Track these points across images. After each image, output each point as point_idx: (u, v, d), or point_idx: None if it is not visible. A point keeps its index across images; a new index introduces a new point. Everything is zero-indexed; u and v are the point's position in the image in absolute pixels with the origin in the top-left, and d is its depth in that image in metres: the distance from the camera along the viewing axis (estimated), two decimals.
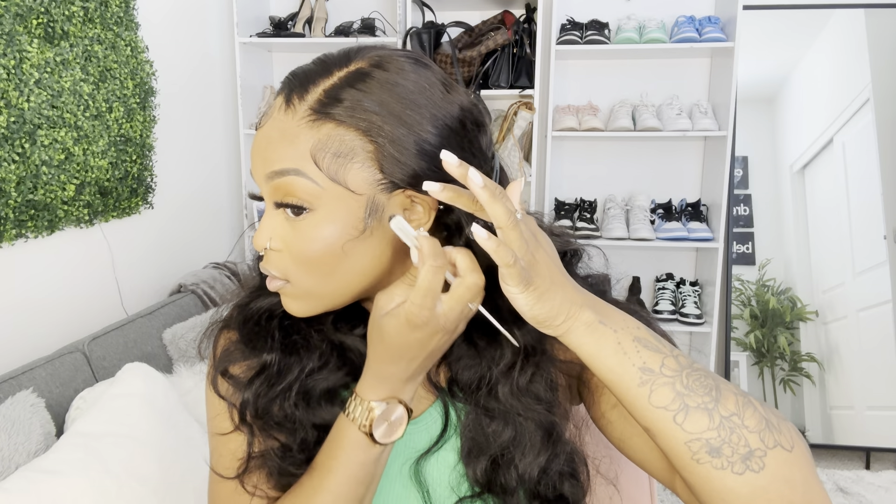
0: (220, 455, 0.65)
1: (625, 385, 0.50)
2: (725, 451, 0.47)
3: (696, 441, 0.48)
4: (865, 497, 2.21)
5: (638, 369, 0.49)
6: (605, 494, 0.76)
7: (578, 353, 0.51)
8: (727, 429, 0.48)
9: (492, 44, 2.29)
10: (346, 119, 0.52)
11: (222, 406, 0.64)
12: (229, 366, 0.64)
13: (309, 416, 0.61)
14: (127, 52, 1.83)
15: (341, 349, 0.63)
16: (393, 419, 0.57)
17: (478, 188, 0.46)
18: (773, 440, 0.48)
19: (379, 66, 0.54)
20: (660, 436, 0.49)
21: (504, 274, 0.48)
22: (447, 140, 0.55)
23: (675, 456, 0.49)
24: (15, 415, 1.15)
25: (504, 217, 0.47)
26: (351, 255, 0.55)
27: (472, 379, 0.60)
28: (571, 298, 0.50)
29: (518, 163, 2.39)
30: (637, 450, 0.61)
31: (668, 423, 0.48)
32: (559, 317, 0.50)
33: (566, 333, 0.50)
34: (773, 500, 0.47)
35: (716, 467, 0.47)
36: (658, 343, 0.51)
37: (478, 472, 0.61)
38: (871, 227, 2.44)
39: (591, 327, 0.50)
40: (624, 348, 0.50)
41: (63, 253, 1.65)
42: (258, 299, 0.65)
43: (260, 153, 0.55)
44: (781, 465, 0.47)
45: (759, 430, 0.48)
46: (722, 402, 0.49)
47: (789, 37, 2.51)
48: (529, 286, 0.48)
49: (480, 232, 0.46)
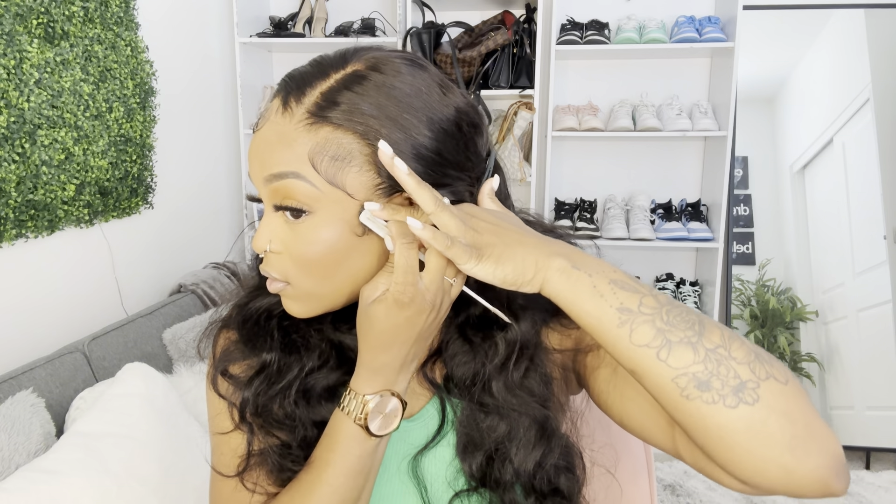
0: (221, 454, 0.66)
1: (604, 328, 0.50)
2: (714, 383, 0.46)
3: (682, 376, 0.47)
4: (865, 497, 2.21)
5: (616, 310, 0.49)
6: (602, 485, 0.76)
7: (558, 302, 0.52)
8: (714, 361, 0.47)
9: (492, 44, 2.29)
10: (343, 122, 0.53)
11: (222, 405, 0.65)
12: (229, 365, 0.64)
13: (309, 414, 0.62)
14: (127, 52, 1.83)
15: (340, 348, 0.64)
16: (387, 411, 0.58)
17: (403, 175, 0.50)
18: (765, 372, 0.47)
19: (375, 69, 0.55)
20: (646, 376, 0.49)
21: (451, 255, 0.51)
22: (442, 143, 0.55)
23: (665, 396, 0.48)
24: (15, 415, 1.16)
25: (431, 203, 0.51)
26: (350, 257, 0.55)
27: (466, 375, 0.61)
28: (538, 250, 0.52)
29: (518, 163, 2.39)
30: (634, 417, 0.60)
31: (652, 360, 0.48)
32: (527, 271, 0.51)
33: (543, 285, 0.51)
34: (773, 435, 0.45)
35: (706, 402, 0.46)
36: (635, 284, 0.51)
37: (473, 468, 0.61)
38: (871, 227, 2.44)
39: (564, 273, 0.51)
40: (600, 291, 0.50)
41: (63, 253, 1.65)
42: (257, 299, 0.65)
43: (258, 156, 0.55)
44: (777, 397, 0.46)
45: (748, 362, 0.47)
46: (706, 336, 0.48)
47: (789, 37, 2.51)
48: (482, 256, 0.51)
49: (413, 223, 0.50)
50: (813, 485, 0.46)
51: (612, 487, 0.79)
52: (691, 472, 2.35)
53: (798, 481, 0.46)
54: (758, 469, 0.46)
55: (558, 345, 0.66)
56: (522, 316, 0.60)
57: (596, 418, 0.83)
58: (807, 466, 0.45)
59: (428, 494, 0.63)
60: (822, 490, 0.46)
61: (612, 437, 0.86)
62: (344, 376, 0.63)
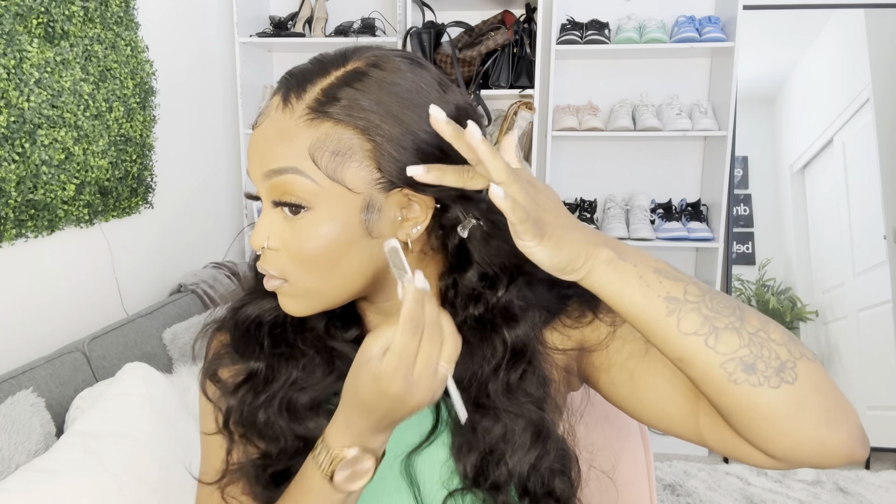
0: (205, 457, 0.66)
1: (652, 318, 0.50)
2: (759, 366, 0.48)
3: (730, 361, 0.48)
4: (865, 497, 2.21)
5: (664, 300, 0.49)
6: (599, 488, 0.76)
7: (602, 294, 0.51)
8: (757, 344, 0.49)
9: (492, 44, 2.29)
10: (344, 118, 0.53)
11: (209, 407, 0.65)
12: (218, 369, 0.64)
13: (292, 427, 0.61)
14: (127, 51, 1.83)
15: (330, 356, 0.63)
16: (357, 468, 0.55)
17: (477, 142, 0.46)
18: (799, 351, 0.49)
19: (376, 66, 0.55)
20: (694, 363, 0.49)
21: (518, 231, 0.47)
22: (443, 139, 0.55)
23: (712, 381, 0.49)
24: (15, 414, 1.15)
25: (504, 172, 0.47)
26: (349, 253, 0.55)
27: (462, 376, 0.60)
28: (587, 238, 0.50)
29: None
30: (654, 406, 0.59)
31: (701, 347, 0.49)
32: (579, 259, 0.50)
33: (588, 275, 0.50)
34: (810, 410, 0.48)
35: (753, 384, 0.48)
36: (676, 272, 0.51)
37: (467, 468, 0.61)
38: (871, 227, 2.44)
39: (611, 264, 0.50)
40: (647, 281, 0.50)
41: (63, 253, 1.65)
42: (248, 305, 0.64)
43: (257, 152, 0.55)
44: (811, 373, 0.48)
45: (785, 343, 0.49)
46: (747, 320, 0.50)
47: (789, 37, 2.51)
48: (544, 236, 0.48)
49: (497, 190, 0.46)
50: (842, 453, 0.48)
51: (608, 491, 0.79)
52: (691, 472, 2.35)
53: (830, 452, 0.48)
54: (795, 444, 0.48)
55: (560, 344, 0.65)
56: (522, 318, 0.60)
57: (595, 420, 0.83)
58: (838, 437, 0.48)
59: (421, 494, 0.63)
60: (850, 458, 0.49)
61: (612, 437, 0.86)
62: (333, 385, 0.62)
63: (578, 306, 0.65)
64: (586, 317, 0.64)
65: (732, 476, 2.35)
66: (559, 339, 0.66)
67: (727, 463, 2.45)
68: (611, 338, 0.62)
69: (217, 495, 0.63)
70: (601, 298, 0.51)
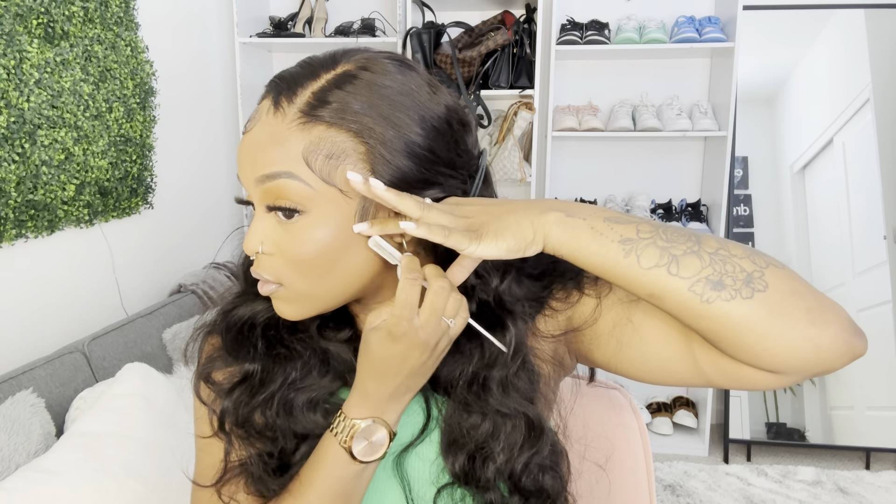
0: (201, 459, 0.66)
1: (613, 262, 0.51)
2: (727, 281, 0.49)
3: (697, 283, 0.49)
4: (865, 497, 2.21)
5: (618, 243, 0.51)
6: (592, 479, 0.77)
7: (563, 254, 0.53)
8: (720, 261, 0.50)
9: (492, 44, 2.29)
10: (336, 121, 0.53)
11: (204, 410, 0.65)
12: (212, 372, 0.65)
13: (290, 426, 0.62)
14: (127, 52, 1.83)
15: (325, 356, 0.63)
16: (373, 439, 0.58)
17: (381, 192, 0.51)
18: (764, 261, 0.50)
19: (365, 69, 0.55)
20: (665, 295, 0.51)
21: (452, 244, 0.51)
22: (434, 141, 0.55)
23: (686, 308, 0.50)
24: (15, 415, 1.16)
25: (415, 208, 0.52)
26: (344, 256, 0.55)
27: (451, 373, 0.61)
28: (530, 212, 0.52)
29: (518, 163, 2.39)
30: (651, 359, 0.60)
31: (665, 277, 0.50)
32: (527, 234, 0.52)
33: (545, 242, 0.52)
34: (792, 312, 0.48)
35: (725, 300, 0.49)
36: (627, 217, 0.53)
37: (456, 466, 0.61)
38: (871, 227, 2.44)
39: (560, 224, 0.52)
40: (599, 230, 0.52)
41: (63, 253, 1.65)
42: (241, 306, 0.65)
43: (249, 157, 0.55)
44: (782, 279, 0.49)
45: (747, 255, 0.51)
46: (704, 243, 0.51)
47: (789, 37, 2.51)
48: (480, 236, 0.51)
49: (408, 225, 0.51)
50: (840, 350, 0.48)
51: (601, 482, 0.79)
52: (691, 472, 2.35)
53: (827, 352, 0.48)
54: (789, 350, 0.49)
55: (553, 329, 0.66)
56: (514, 312, 0.60)
57: (587, 412, 0.83)
58: (830, 333, 0.48)
59: (412, 492, 0.63)
60: (849, 353, 0.49)
61: (609, 431, 0.86)
62: (329, 385, 0.63)
63: (563, 288, 0.66)
64: (573, 296, 0.65)
65: (732, 476, 2.35)
66: (552, 325, 0.66)
67: (727, 463, 2.45)
68: (599, 309, 0.63)
69: (216, 498, 0.63)
70: (566, 259, 0.53)
